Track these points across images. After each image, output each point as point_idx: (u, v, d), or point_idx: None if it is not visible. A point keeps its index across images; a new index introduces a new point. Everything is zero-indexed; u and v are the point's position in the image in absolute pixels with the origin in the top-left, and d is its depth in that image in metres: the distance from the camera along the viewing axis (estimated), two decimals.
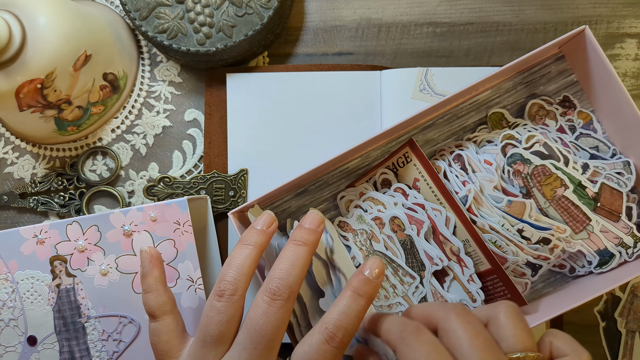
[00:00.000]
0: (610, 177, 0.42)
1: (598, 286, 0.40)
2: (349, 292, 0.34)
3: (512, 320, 0.31)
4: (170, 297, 0.38)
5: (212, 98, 0.49)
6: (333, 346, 0.32)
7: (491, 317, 0.32)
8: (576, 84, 0.46)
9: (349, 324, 0.33)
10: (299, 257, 0.35)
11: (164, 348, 0.36)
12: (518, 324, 0.31)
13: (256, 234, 0.36)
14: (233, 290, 0.34)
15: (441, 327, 0.31)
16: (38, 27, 0.41)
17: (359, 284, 0.34)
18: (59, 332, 0.43)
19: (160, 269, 0.39)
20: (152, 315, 0.37)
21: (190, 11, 0.45)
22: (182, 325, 0.38)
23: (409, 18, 0.51)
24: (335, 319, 0.33)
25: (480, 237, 0.41)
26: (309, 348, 0.32)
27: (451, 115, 0.47)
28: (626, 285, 0.48)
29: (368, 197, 0.44)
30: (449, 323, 0.31)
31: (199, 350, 0.34)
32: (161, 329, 0.36)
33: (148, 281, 0.38)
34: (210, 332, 0.33)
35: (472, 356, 0.29)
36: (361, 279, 0.34)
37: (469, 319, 0.31)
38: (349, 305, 0.33)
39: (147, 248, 0.40)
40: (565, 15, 0.50)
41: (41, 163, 0.51)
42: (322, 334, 0.32)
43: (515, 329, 0.31)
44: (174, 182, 0.49)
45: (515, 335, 0.30)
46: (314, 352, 0.32)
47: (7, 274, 0.43)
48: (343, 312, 0.33)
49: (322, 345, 0.32)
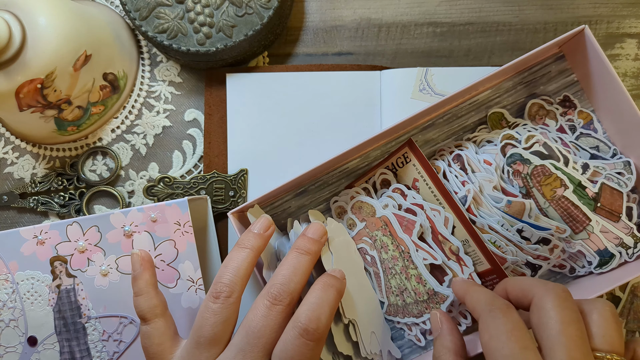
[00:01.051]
0: (611, 177, 0.42)
1: (598, 286, 0.40)
2: (319, 285, 0.34)
3: (606, 320, 0.31)
4: (162, 300, 0.38)
5: (212, 98, 0.49)
6: (308, 339, 0.32)
7: (585, 311, 0.31)
8: (576, 84, 0.46)
9: (321, 315, 0.33)
10: (301, 265, 0.35)
11: (156, 351, 0.36)
12: (611, 324, 0.31)
13: (253, 238, 0.37)
14: (229, 292, 0.34)
15: (536, 303, 0.31)
16: (38, 27, 0.41)
17: (327, 278, 0.35)
18: (60, 332, 0.43)
19: (151, 272, 0.39)
20: (143, 318, 0.37)
21: (190, 11, 0.45)
22: (174, 328, 0.37)
23: (409, 18, 0.51)
24: (306, 311, 0.33)
25: (479, 237, 0.41)
26: (283, 345, 0.32)
27: (451, 115, 0.47)
28: (626, 285, 0.48)
29: (357, 202, 0.44)
30: (545, 301, 0.30)
31: (191, 351, 0.34)
32: (152, 332, 0.36)
33: (139, 284, 0.38)
34: (204, 333, 0.33)
35: (559, 343, 0.28)
36: (330, 277, 0.35)
37: (567, 305, 0.30)
38: (319, 296, 0.34)
39: (137, 251, 0.40)
40: (565, 15, 0.50)
41: (41, 163, 0.51)
42: (295, 329, 0.32)
43: (607, 329, 0.30)
44: (174, 182, 0.49)
45: (606, 335, 0.30)
46: (290, 348, 0.32)
47: (8, 275, 0.43)
48: (315, 304, 0.33)
49: (297, 340, 0.32)
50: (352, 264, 0.43)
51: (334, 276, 0.36)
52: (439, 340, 0.36)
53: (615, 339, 0.30)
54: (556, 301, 0.30)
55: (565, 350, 0.28)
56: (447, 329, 0.36)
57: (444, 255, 0.42)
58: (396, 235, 0.42)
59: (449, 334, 0.35)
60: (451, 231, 0.42)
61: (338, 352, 0.41)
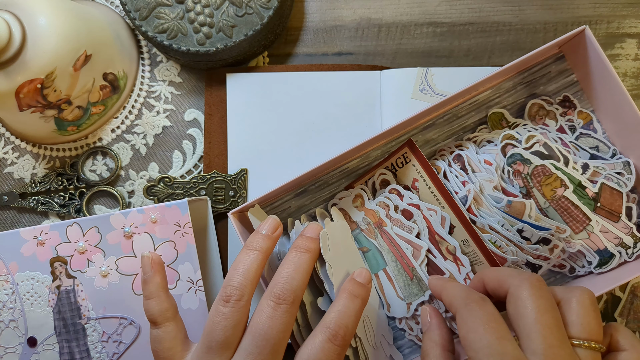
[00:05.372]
0: (610, 177, 0.42)
1: (598, 286, 0.40)
2: (345, 294, 0.35)
3: (584, 308, 0.31)
4: (172, 303, 0.37)
5: (212, 98, 0.49)
6: (336, 344, 0.33)
7: (564, 299, 0.32)
8: (576, 84, 0.46)
9: (349, 322, 0.34)
10: (302, 263, 0.35)
11: (167, 355, 0.35)
12: (590, 312, 0.31)
13: (262, 239, 0.36)
14: (239, 295, 0.34)
15: (512, 293, 0.31)
16: (38, 27, 0.41)
17: (353, 287, 0.36)
18: (59, 333, 0.43)
19: (162, 275, 0.38)
20: (154, 322, 0.36)
21: (190, 11, 0.45)
22: (184, 332, 0.37)
23: (409, 18, 0.51)
24: (335, 318, 0.34)
25: (479, 236, 0.41)
26: (312, 349, 0.33)
27: (451, 115, 0.47)
28: (626, 285, 0.48)
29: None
30: (520, 291, 0.31)
31: (203, 355, 0.34)
32: (163, 336, 0.36)
33: (150, 287, 0.37)
34: (215, 337, 0.33)
35: (535, 331, 0.29)
36: (354, 283, 0.36)
37: (542, 293, 0.31)
38: (346, 305, 0.34)
39: (148, 253, 0.39)
40: (565, 15, 0.50)
41: (41, 163, 0.51)
42: (324, 333, 0.33)
43: (585, 317, 0.31)
44: (174, 182, 0.49)
45: (584, 323, 0.30)
46: (319, 351, 0.32)
47: (8, 275, 0.43)
48: (342, 312, 0.34)
49: (326, 345, 0.33)
50: (350, 255, 0.43)
51: (360, 283, 0.36)
52: (428, 335, 0.36)
53: (593, 326, 0.31)
54: (531, 290, 0.31)
55: (541, 337, 0.29)
56: (435, 323, 0.36)
57: (441, 255, 0.42)
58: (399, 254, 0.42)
59: (437, 328, 0.36)
60: (448, 231, 0.42)
61: None
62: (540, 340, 0.29)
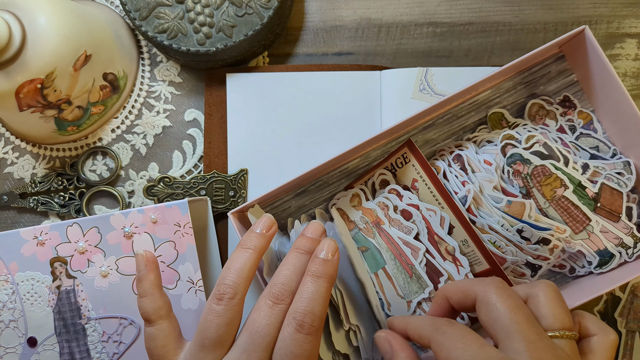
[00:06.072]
0: (611, 177, 0.42)
1: (598, 286, 0.41)
2: (308, 277, 0.34)
3: (552, 300, 0.31)
4: (166, 301, 0.37)
5: (212, 98, 0.49)
6: (305, 333, 0.32)
7: (530, 295, 0.32)
8: (576, 84, 0.46)
9: (315, 308, 0.33)
10: (301, 264, 0.35)
11: (160, 353, 0.36)
12: (558, 303, 0.31)
13: (256, 238, 0.36)
14: (233, 293, 0.34)
15: (480, 300, 0.32)
16: (38, 27, 0.41)
17: (316, 267, 0.34)
18: (59, 333, 0.43)
19: (156, 273, 0.38)
20: (148, 319, 0.36)
21: (190, 11, 0.45)
22: (178, 330, 0.37)
23: (409, 18, 0.51)
24: (300, 307, 0.33)
25: (478, 237, 0.41)
26: (282, 343, 0.32)
27: (451, 115, 0.47)
28: (626, 285, 0.48)
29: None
30: (488, 296, 0.31)
31: (196, 353, 0.34)
32: (157, 334, 0.36)
33: (143, 285, 0.37)
34: (208, 335, 0.33)
35: (512, 331, 0.29)
36: (318, 261, 0.35)
37: (509, 293, 0.31)
38: (311, 290, 0.34)
39: (142, 251, 0.39)
40: (565, 15, 0.50)
41: (41, 163, 0.51)
42: (291, 325, 0.33)
43: (555, 308, 0.31)
44: (174, 182, 0.49)
45: (555, 314, 0.31)
46: (290, 344, 0.32)
47: (8, 276, 0.43)
48: (307, 298, 0.33)
49: (295, 335, 0.32)
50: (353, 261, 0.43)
51: (322, 260, 0.35)
52: (147, 278, 0.37)
53: (564, 316, 0.31)
54: (498, 292, 0.31)
55: (520, 335, 0.29)
56: (398, 346, 0.34)
57: (440, 255, 0.42)
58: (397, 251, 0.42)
59: (402, 351, 0.34)
60: (448, 231, 0.42)
61: (336, 350, 0.41)
62: (520, 337, 0.29)
